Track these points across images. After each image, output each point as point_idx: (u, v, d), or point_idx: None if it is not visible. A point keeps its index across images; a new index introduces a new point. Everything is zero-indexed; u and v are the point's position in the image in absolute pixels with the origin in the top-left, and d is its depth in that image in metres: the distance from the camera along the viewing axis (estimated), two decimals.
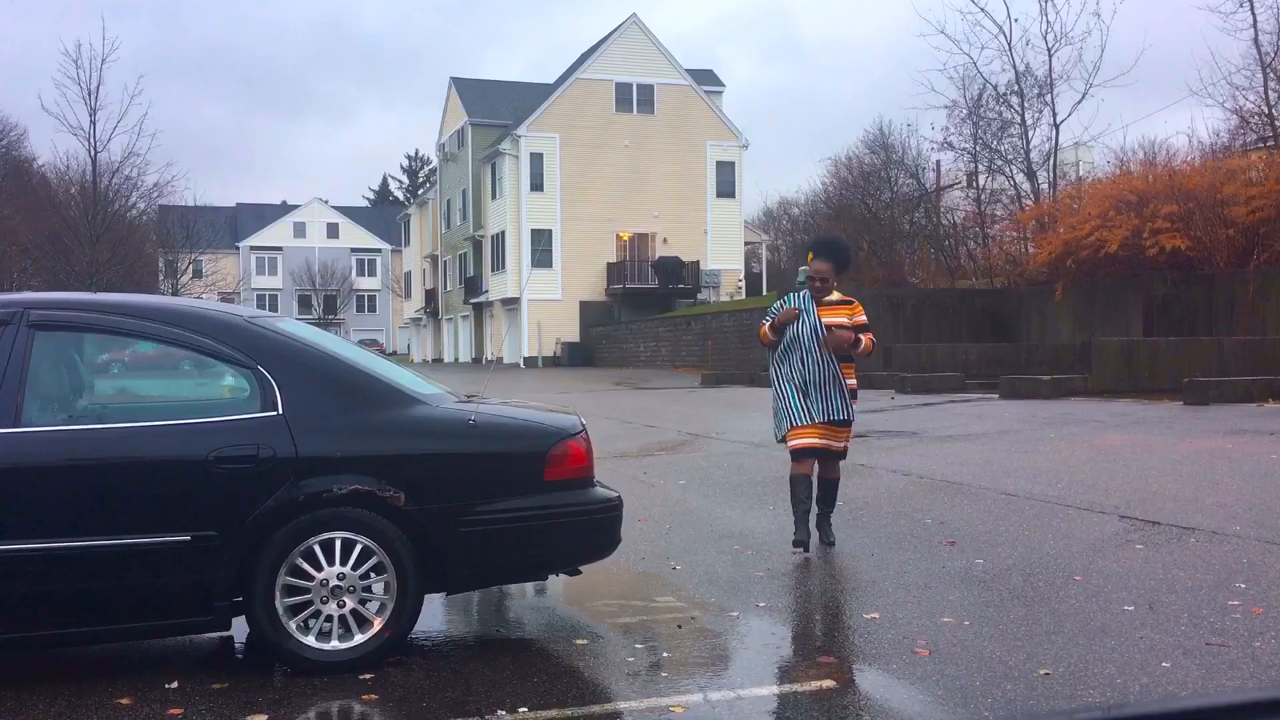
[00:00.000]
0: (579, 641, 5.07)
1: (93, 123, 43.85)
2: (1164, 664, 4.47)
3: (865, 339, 6.91)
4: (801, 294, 7.01)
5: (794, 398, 6.90)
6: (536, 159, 49.90)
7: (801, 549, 6.74)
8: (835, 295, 7.02)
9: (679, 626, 5.25)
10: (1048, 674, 4.39)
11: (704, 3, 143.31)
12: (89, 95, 43.48)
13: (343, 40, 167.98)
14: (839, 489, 7.24)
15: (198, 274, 59.02)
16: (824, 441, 6.91)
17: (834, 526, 7.14)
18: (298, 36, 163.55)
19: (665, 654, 4.85)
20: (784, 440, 7.01)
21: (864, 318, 7.04)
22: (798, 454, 6.90)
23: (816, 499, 7.01)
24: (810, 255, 7.10)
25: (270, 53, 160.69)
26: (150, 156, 58.89)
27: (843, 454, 7.11)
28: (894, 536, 7.33)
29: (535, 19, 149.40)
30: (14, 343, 4.51)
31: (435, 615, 5.53)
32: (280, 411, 4.58)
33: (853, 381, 6.95)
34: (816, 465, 6.97)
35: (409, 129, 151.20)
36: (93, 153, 44.48)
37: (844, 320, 6.90)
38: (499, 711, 4.08)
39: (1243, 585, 5.71)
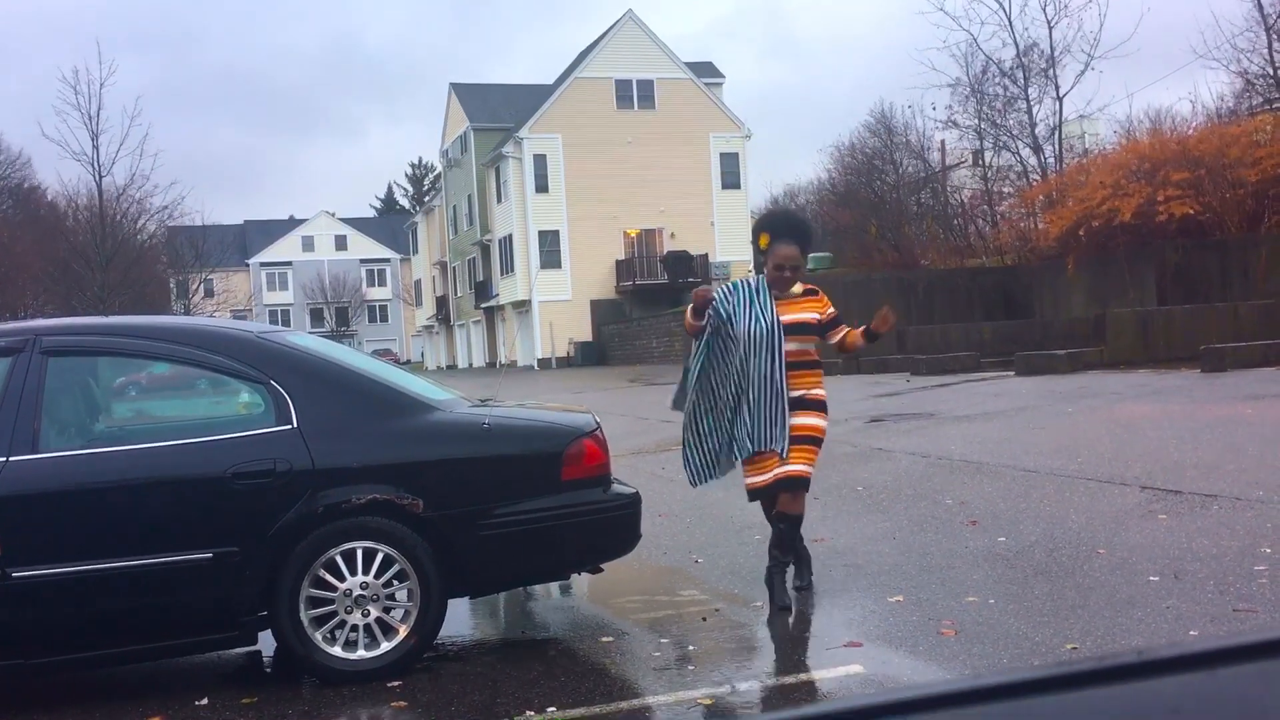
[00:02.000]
0: (605, 639, 5.08)
1: (95, 147, 44.11)
2: (1191, 632, 4.45)
3: (855, 333, 5.58)
4: (756, 280, 5.56)
5: (712, 434, 5.47)
6: (540, 160, 49.92)
7: (786, 611, 5.32)
8: (798, 286, 5.56)
9: (704, 619, 5.25)
10: (1075, 648, 4.37)
11: (697, 6, 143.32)
12: (90, 120, 43.74)
13: (347, 60, 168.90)
14: (799, 529, 5.53)
15: (209, 293, 59.32)
16: (775, 473, 5.36)
17: (854, 514, 6.82)
18: (304, 58, 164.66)
19: (691, 647, 4.85)
20: (709, 470, 5.55)
21: (832, 309, 5.65)
22: (759, 498, 5.55)
23: (770, 543, 5.51)
24: (765, 237, 5.51)
25: (278, 75, 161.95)
26: (155, 177, 59.18)
27: (805, 482, 5.42)
28: (915, 519, 7.31)
29: (536, 27, 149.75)
30: (28, 370, 4.54)
31: (461, 619, 5.55)
32: (295, 425, 4.59)
33: (821, 391, 5.54)
34: (779, 497, 5.46)
35: (413, 139, 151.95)
36: (97, 177, 44.74)
37: (812, 316, 5.49)
38: (528, 712, 4.09)
39: (1268, 550, 5.67)
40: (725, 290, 5.53)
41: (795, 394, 5.39)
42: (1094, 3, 44.64)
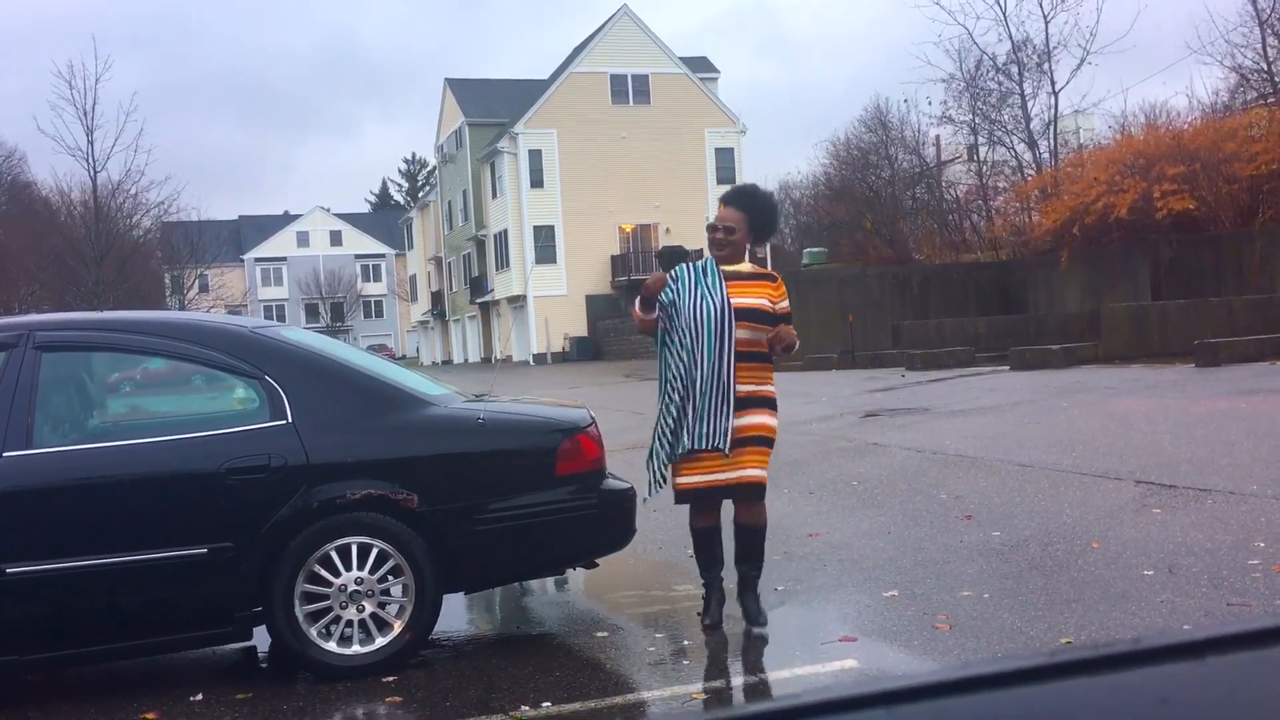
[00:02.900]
0: (600, 634, 5.08)
1: (90, 142, 43.95)
2: (1186, 626, 4.45)
3: (789, 332, 4.84)
4: (705, 260, 5.02)
5: (669, 416, 4.88)
6: (535, 155, 49.86)
7: (715, 630, 4.91)
8: (748, 266, 5.03)
9: (699, 614, 5.25)
10: (1070, 642, 4.38)
11: (691, 5, 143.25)
12: (85, 115, 43.55)
13: (342, 57, 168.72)
14: (764, 540, 5.04)
15: (204, 288, 59.15)
16: (722, 476, 4.82)
17: (849, 509, 6.79)
18: (300, 56, 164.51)
19: (686, 642, 4.86)
20: (661, 482, 4.97)
21: (787, 302, 5.01)
22: (689, 499, 4.98)
23: (735, 557, 5.04)
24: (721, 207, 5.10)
25: (273, 73, 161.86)
26: (150, 173, 59.05)
27: (762, 489, 4.90)
28: (910, 513, 7.32)
29: (531, 24, 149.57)
30: (21, 365, 4.53)
31: (456, 614, 5.54)
32: (289, 420, 4.59)
33: (772, 389, 4.96)
34: (734, 509, 4.98)
35: (407, 135, 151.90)
36: (92, 172, 44.59)
37: (765, 302, 4.87)
38: (523, 707, 4.09)
39: (1262, 544, 5.68)
40: (669, 277, 4.93)
41: (745, 389, 4.80)
42: None
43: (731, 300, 4.80)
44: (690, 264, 5.01)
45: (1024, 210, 35.85)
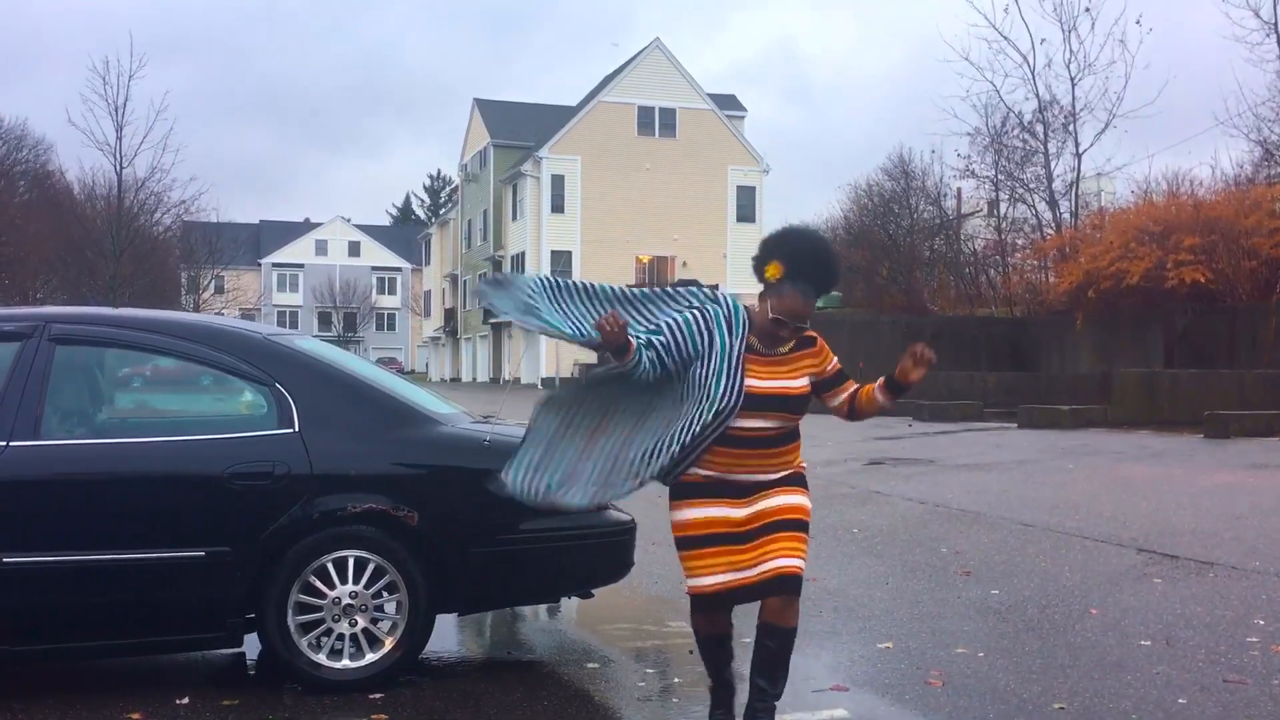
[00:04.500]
0: (590, 665, 5.06)
1: (119, 138, 44.32)
2: (1180, 700, 4.41)
3: (870, 389, 4.07)
4: (731, 305, 3.94)
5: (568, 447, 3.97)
6: (558, 180, 50.14)
7: None
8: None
9: (690, 652, 5.20)
10: (1062, 708, 4.34)
11: (718, 50, 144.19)
12: (116, 111, 43.95)
13: (378, 76, 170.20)
14: (793, 647, 3.94)
15: (219, 290, 59.39)
16: (750, 574, 3.83)
17: (848, 556, 6.27)
18: (336, 73, 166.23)
19: (676, 679, 4.83)
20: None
21: (837, 360, 4.10)
22: (705, 606, 4.02)
23: (753, 667, 3.97)
24: (776, 268, 3.83)
25: (309, 87, 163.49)
26: (175, 172, 59.50)
27: (797, 581, 3.80)
28: (909, 565, 7.28)
29: (565, 55, 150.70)
30: (35, 355, 4.55)
31: (446, 635, 5.52)
32: (296, 429, 4.59)
33: (800, 462, 4.02)
34: (761, 605, 3.90)
35: (433, 154, 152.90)
36: (119, 168, 44.93)
37: (807, 383, 3.94)
38: None
39: (1261, 622, 5.64)
40: (699, 305, 3.98)
41: (777, 476, 3.91)
42: (1118, 62, 44.73)
43: (759, 383, 3.80)
44: (726, 302, 3.95)
45: (1041, 269, 35.86)
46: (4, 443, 4.36)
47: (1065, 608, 6.01)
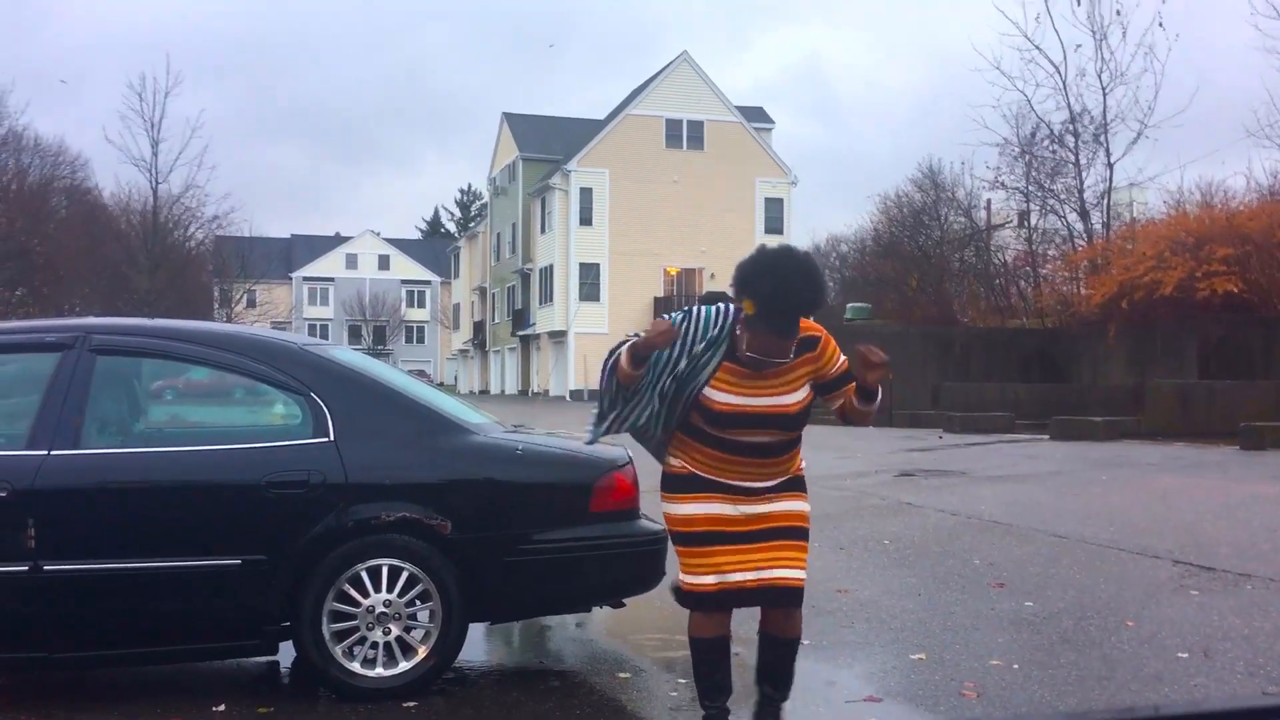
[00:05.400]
0: (622, 675, 5.06)
1: (155, 154, 44.94)
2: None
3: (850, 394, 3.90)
4: (722, 313, 3.82)
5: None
6: (586, 194, 50.29)
7: None
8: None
9: None
10: None
11: (744, 66, 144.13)
12: (152, 128, 44.59)
13: (410, 92, 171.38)
14: (796, 656, 4.00)
15: (251, 303, 59.96)
16: (748, 576, 3.77)
17: (880, 567, 6.50)
18: (369, 91, 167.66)
19: None
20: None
21: (844, 357, 3.91)
22: (697, 604, 3.89)
23: (758, 673, 4.01)
24: (749, 305, 3.63)
25: (342, 104, 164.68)
26: (209, 189, 60.33)
27: (798, 594, 3.82)
28: (941, 577, 7.24)
29: (594, 69, 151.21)
30: (76, 366, 4.62)
31: (478, 645, 5.54)
32: (331, 438, 4.63)
33: (801, 464, 4.01)
34: (762, 615, 3.95)
35: (462, 169, 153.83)
36: (154, 184, 45.56)
37: (804, 396, 3.81)
38: None
39: None
40: (683, 316, 3.84)
41: (775, 482, 3.88)
42: (1149, 72, 44.40)
43: (749, 400, 3.73)
44: (719, 312, 3.83)
45: (1072, 280, 35.56)
46: (45, 451, 4.43)
47: (1100, 620, 5.96)
